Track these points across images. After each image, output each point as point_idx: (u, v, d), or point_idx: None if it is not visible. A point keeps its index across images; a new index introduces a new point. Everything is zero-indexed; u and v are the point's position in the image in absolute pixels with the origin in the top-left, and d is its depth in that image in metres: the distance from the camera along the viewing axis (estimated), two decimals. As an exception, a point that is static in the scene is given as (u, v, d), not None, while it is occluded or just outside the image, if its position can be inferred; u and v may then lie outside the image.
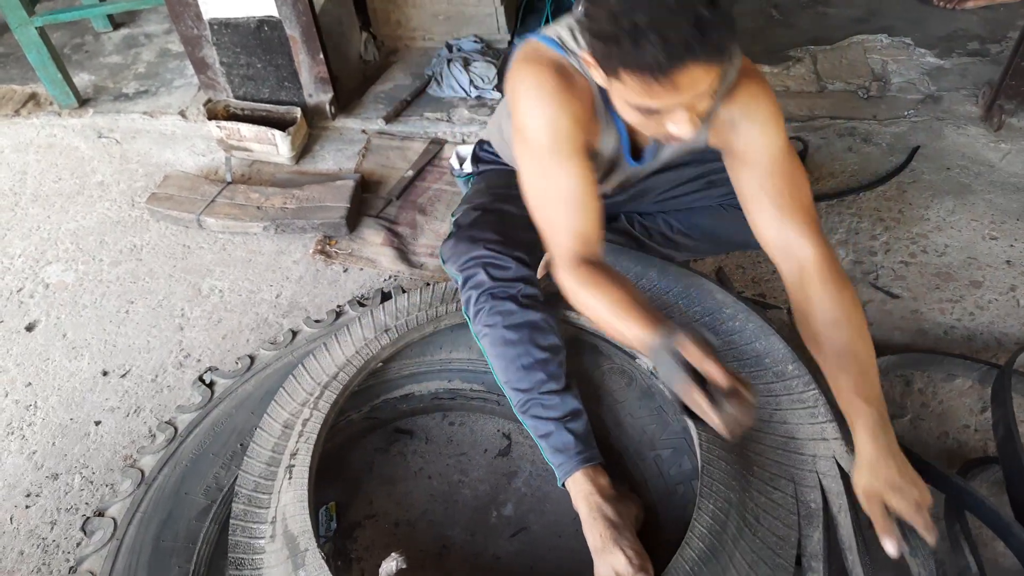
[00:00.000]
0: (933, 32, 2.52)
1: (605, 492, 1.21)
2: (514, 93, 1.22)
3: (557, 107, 1.17)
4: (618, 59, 1.01)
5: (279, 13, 2.14)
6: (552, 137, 1.18)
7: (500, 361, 1.30)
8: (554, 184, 1.20)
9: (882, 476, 1.03)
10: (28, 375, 1.76)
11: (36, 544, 1.44)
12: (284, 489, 1.22)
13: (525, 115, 1.20)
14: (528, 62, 1.21)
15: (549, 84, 1.17)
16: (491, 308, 1.30)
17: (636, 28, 0.97)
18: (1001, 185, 1.95)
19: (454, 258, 1.36)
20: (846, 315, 1.15)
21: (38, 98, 2.60)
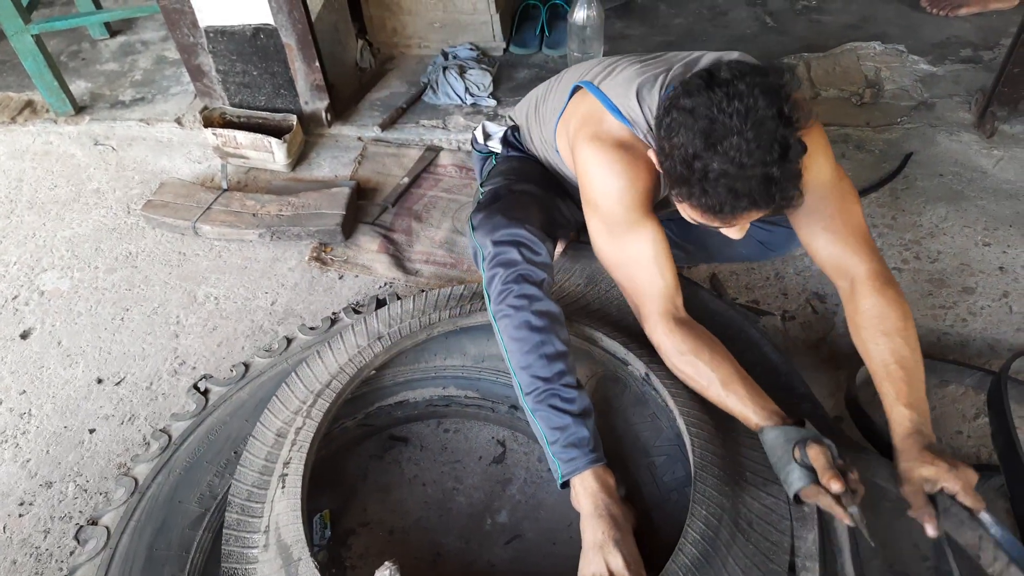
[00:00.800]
0: (926, 39, 2.54)
1: (612, 493, 1.21)
2: (584, 168, 1.29)
3: (625, 182, 1.25)
4: (685, 194, 1.12)
5: (275, 21, 2.15)
6: (624, 210, 1.26)
7: (521, 344, 1.27)
8: (631, 250, 1.29)
9: (928, 465, 1.10)
10: (22, 383, 1.76)
11: (29, 553, 1.44)
12: (277, 498, 1.22)
13: (596, 191, 1.29)
14: (596, 139, 1.27)
15: (616, 163, 1.25)
16: (519, 290, 1.28)
17: (707, 176, 1.06)
18: (994, 191, 1.96)
19: (487, 228, 1.34)
20: (895, 326, 1.22)
21: (34, 105, 2.60)
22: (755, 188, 1.05)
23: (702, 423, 1.24)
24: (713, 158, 1.04)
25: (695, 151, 1.05)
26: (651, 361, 1.34)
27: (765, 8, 2.82)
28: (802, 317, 1.72)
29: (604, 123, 1.28)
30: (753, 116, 1.02)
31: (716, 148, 1.03)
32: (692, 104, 1.06)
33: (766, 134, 1.02)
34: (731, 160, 1.03)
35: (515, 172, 1.57)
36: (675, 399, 1.26)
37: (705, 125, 1.04)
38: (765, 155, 1.03)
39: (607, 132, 1.27)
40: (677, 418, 1.25)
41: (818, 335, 1.68)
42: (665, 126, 1.10)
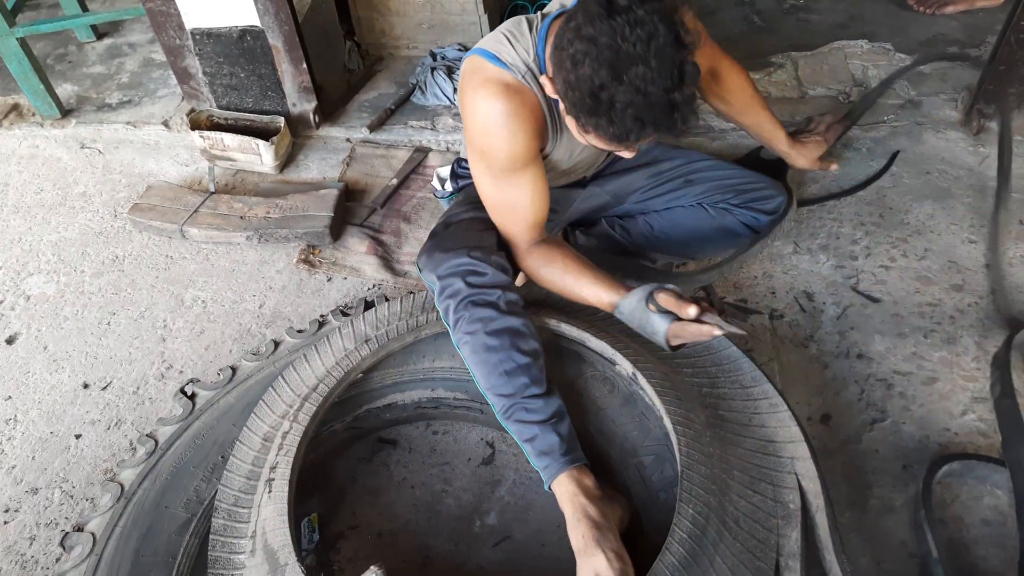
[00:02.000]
0: (913, 37, 2.54)
1: (590, 493, 1.21)
2: (469, 118, 1.32)
3: (509, 131, 1.28)
4: (590, 123, 1.13)
5: (261, 23, 2.14)
6: (507, 157, 1.31)
7: (482, 368, 1.30)
8: (510, 195, 1.37)
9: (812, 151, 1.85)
10: (8, 388, 1.74)
11: (14, 560, 1.43)
12: (264, 503, 1.21)
13: (480, 138, 1.32)
14: (478, 87, 1.29)
15: (500, 109, 1.26)
16: (470, 316, 1.30)
17: (613, 106, 1.07)
18: (980, 189, 1.97)
19: (430, 266, 1.39)
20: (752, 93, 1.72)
21: (20, 109, 2.59)
22: (659, 115, 1.07)
23: (689, 422, 1.24)
24: (619, 88, 1.04)
25: (601, 82, 1.05)
26: (638, 361, 1.34)
27: (753, 7, 2.82)
28: (790, 315, 1.72)
29: (484, 70, 1.29)
30: (655, 43, 1.02)
31: (622, 78, 1.04)
32: (594, 33, 1.04)
33: (667, 61, 1.04)
34: (637, 90, 1.04)
35: (460, 203, 1.61)
36: (662, 398, 1.26)
37: (610, 56, 1.04)
38: (667, 82, 1.04)
39: (489, 77, 1.28)
40: (664, 417, 1.25)
41: (806, 333, 1.68)
42: (569, 57, 1.08)
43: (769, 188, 1.73)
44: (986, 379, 1.55)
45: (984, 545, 1.31)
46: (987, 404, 1.50)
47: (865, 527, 1.35)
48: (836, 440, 1.48)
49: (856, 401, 1.54)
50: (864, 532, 1.34)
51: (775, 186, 1.74)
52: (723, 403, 1.35)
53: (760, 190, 1.73)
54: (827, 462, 1.45)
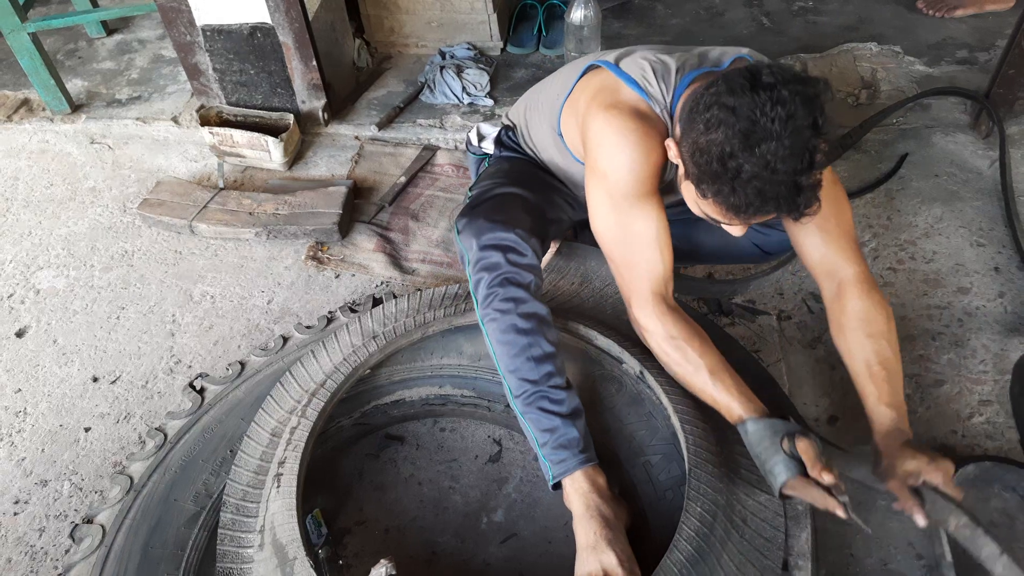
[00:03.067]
0: (922, 40, 2.54)
1: (603, 492, 1.21)
2: (594, 134, 1.27)
3: (639, 151, 1.24)
4: (710, 190, 1.12)
5: (272, 20, 2.15)
6: (635, 181, 1.25)
7: (508, 348, 1.28)
8: (634, 227, 1.27)
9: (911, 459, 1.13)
10: (18, 381, 1.75)
11: (24, 551, 1.43)
12: (272, 498, 1.21)
13: (605, 157, 1.26)
14: (611, 106, 1.26)
15: (632, 132, 1.23)
16: (504, 294, 1.28)
17: (739, 177, 1.06)
18: (988, 192, 1.97)
19: (471, 231, 1.34)
20: (879, 329, 1.27)
21: (30, 104, 2.60)
22: (783, 194, 1.06)
23: (696, 421, 1.24)
24: (748, 159, 1.04)
25: (732, 150, 1.05)
26: (645, 359, 1.34)
27: (762, 9, 2.82)
28: (798, 317, 1.72)
29: (621, 93, 1.27)
30: (792, 123, 1.03)
31: (754, 150, 1.04)
32: (735, 103, 1.05)
33: (801, 142, 1.03)
34: (765, 164, 1.04)
35: (505, 173, 1.56)
36: (669, 397, 1.27)
37: (746, 126, 1.04)
38: (797, 163, 1.04)
39: (624, 101, 1.26)
40: (671, 416, 1.25)
41: (814, 335, 1.68)
42: (704, 120, 1.08)
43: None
44: (994, 382, 1.55)
45: (991, 548, 1.31)
46: (994, 407, 1.51)
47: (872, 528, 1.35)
48: (843, 441, 1.48)
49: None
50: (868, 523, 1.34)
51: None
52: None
53: None
54: (834, 463, 1.45)
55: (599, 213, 1.30)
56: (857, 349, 1.27)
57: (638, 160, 1.24)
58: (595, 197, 1.30)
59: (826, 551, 1.32)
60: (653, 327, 1.26)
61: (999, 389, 1.54)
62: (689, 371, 1.23)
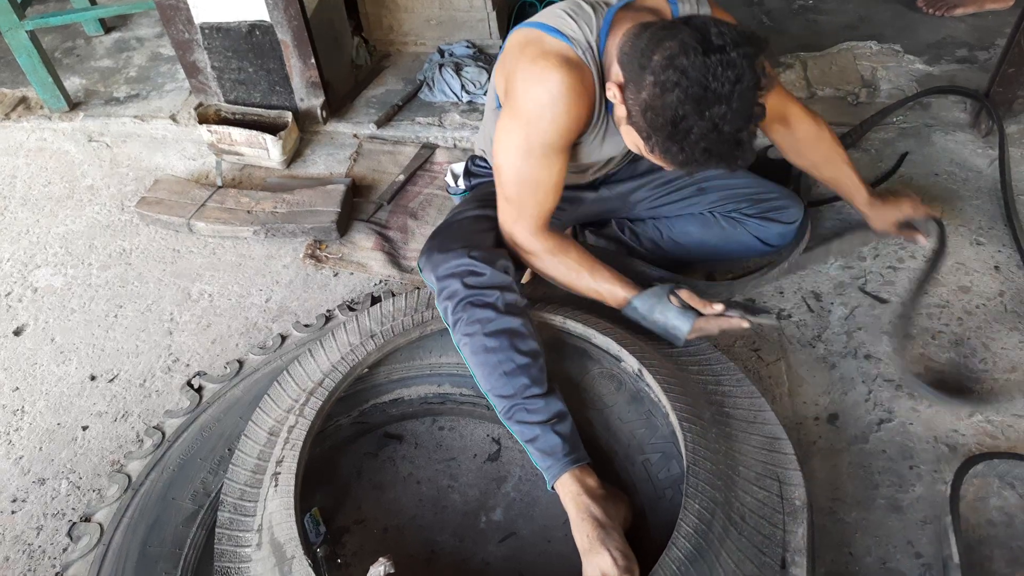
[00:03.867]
0: (922, 39, 2.54)
1: (593, 492, 1.21)
2: (520, 87, 1.29)
3: (565, 105, 1.27)
4: (659, 146, 1.18)
5: (270, 17, 2.14)
6: (554, 132, 1.29)
7: (482, 369, 1.30)
8: (539, 173, 1.35)
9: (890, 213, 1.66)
10: (15, 380, 1.75)
11: (22, 550, 1.43)
12: (270, 497, 1.21)
13: (531, 109, 1.29)
14: (537, 58, 1.27)
15: (560, 80, 1.25)
16: (469, 317, 1.31)
17: (688, 138, 1.13)
18: (988, 191, 1.97)
19: (429, 267, 1.39)
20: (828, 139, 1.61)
21: (28, 102, 2.59)
22: (726, 151, 1.14)
23: (695, 419, 1.24)
24: (698, 122, 1.10)
25: (684, 113, 1.10)
26: (644, 357, 1.34)
27: (762, 7, 2.82)
28: (798, 315, 1.72)
29: (545, 42, 1.29)
30: (740, 86, 1.08)
31: (704, 114, 1.09)
32: (687, 65, 1.08)
33: (747, 104, 1.10)
34: (714, 126, 1.10)
35: (469, 200, 1.60)
36: (668, 395, 1.27)
37: (698, 91, 1.08)
38: (742, 123, 1.11)
39: (550, 49, 1.28)
40: (670, 413, 1.25)
41: (814, 333, 1.68)
42: (659, 83, 1.11)
43: (784, 199, 1.69)
44: (993, 380, 1.55)
45: (989, 546, 1.31)
46: (995, 405, 1.50)
47: (871, 527, 1.35)
48: (843, 440, 1.48)
49: (863, 401, 1.54)
50: (870, 532, 1.34)
51: (790, 196, 1.70)
52: (728, 399, 1.36)
53: (774, 200, 1.69)
54: (833, 461, 1.45)
55: (508, 150, 1.35)
56: (821, 160, 1.63)
57: (562, 113, 1.27)
58: (509, 136, 1.34)
59: (825, 549, 1.32)
60: (533, 247, 1.41)
61: (999, 388, 1.54)
62: (573, 276, 1.41)
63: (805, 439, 1.49)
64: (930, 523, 1.35)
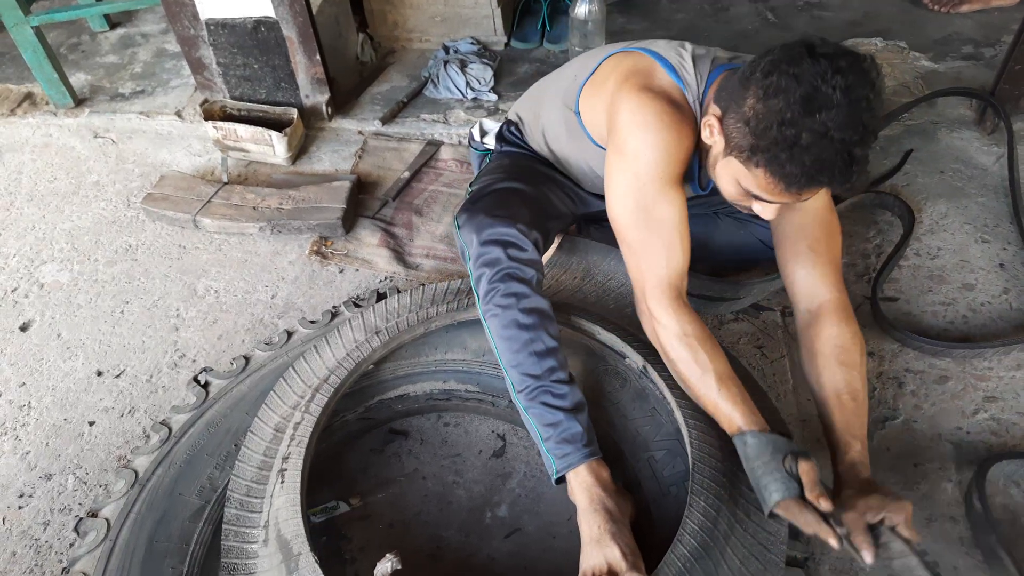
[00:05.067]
0: (928, 36, 2.53)
1: (607, 486, 1.21)
2: (623, 113, 1.25)
3: (674, 138, 1.23)
4: (764, 159, 1.09)
5: (276, 14, 2.14)
6: (664, 166, 1.23)
7: (510, 343, 1.27)
8: (659, 211, 1.25)
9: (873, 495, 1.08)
10: (22, 375, 1.75)
11: (29, 545, 1.44)
12: (276, 493, 1.22)
13: (639, 141, 1.24)
14: (644, 88, 1.24)
15: (667, 115, 1.22)
16: (505, 289, 1.28)
17: (797, 144, 1.04)
18: (994, 188, 1.96)
19: (471, 227, 1.33)
20: (854, 360, 1.25)
21: (34, 98, 2.59)
22: (838, 164, 1.05)
23: (700, 417, 1.24)
24: (808, 125, 1.03)
25: (792, 116, 1.04)
26: (649, 354, 1.34)
27: (767, 4, 2.81)
28: (802, 313, 1.72)
29: (655, 77, 1.26)
30: (851, 93, 1.02)
31: (814, 116, 1.02)
32: (796, 71, 1.04)
33: (858, 112, 1.03)
34: (824, 132, 1.02)
35: (505, 169, 1.55)
36: (672, 392, 1.27)
37: (807, 92, 1.03)
38: (853, 133, 1.03)
39: (659, 85, 1.25)
40: (675, 410, 1.25)
41: (818, 331, 1.68)
42: (764, 87, 1.07)
43: None
44: (998, 378, 1.55)
45: (995, 544, 1.31)
46: (1000, 403, 1.50)
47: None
48: (847, 437, 1.48)
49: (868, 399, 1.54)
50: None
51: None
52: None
53: None
54: (838, 459, 1.45)
55: (620, 194, 1.27)
56: (828, 377, 1.24)
57: (671, 144, 1.22)
58: (618, 179, 1.27)
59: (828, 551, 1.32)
60: (667, 322, 1.24)
61: (1004, 386, 1.54)
62: (696, 373, 1.20)
63: (809, 436, 1.49)
64: (935, 521, 1.35)
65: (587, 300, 1.57)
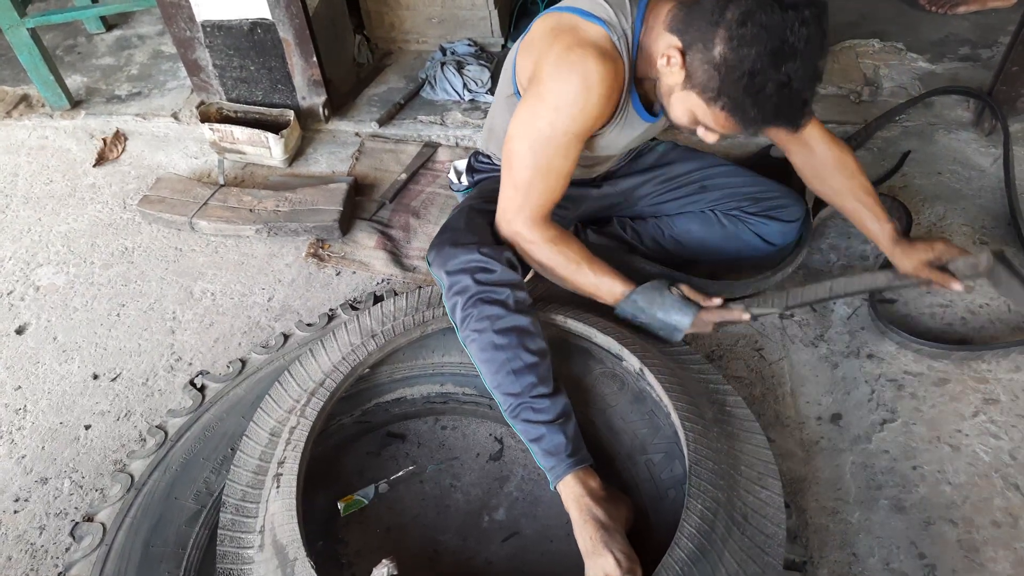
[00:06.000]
0: (925, 37, 2.53)
1: (596, 494, 1.21)
2: (551, 73, 1.27)
3: (596, 101, 1.26)
4: (728, 103, 1.16)
5: (272, 15, 2.14)
6: (581, 123, 1.28)
7: (489, 366, 1.30)
8: (555, 162, 1.33)
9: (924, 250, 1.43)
10: (18, 378, 1.75)
11: (24, 550, 1.43)
12: (272, 498, 1.21)
13: (561, 96, 1.26)
14: (574, 46, 1.25)
15: (596, 71, 1.24)
16: (478, 313, 1.30)
17: (762, 91, 1.12)
18: (992, 190, 1.96)
19: (439, 262, 1.37)
20: (853, 168, 1.51)
21: (30, 99, 2.59)
22: (793, 110, 1.15)
23: (697, 419, 1.24)
24: (773, 76, 1.09)
25: (761, 67, 1.09)
26: (646, 356, 1.34)
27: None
28: (800, 315, 1.72)
29: (580, 30, 1.27)
30: (812, 44, 1.09)
31: (780, 68, 1.09)
32: (768, 22, 1.08)
33: (816, 62, 1.11)
34: (786, 82, 1.10)
35: (475, 196, 1.59)
36: (670, 394, 1.26)
37: (776, 45, 1.08)
38: (811, 82, 1.12)
39: (586, 38, 1.26)
40: (672, 413, 1.25)
41: (816, 332, 1.68)
42: (738, 36, 1.10)
43: (785, 197, 1.69)
44: (997, 381, 1.55)
45: (993, 546, 1.31)
46: (998, 406, 1.50)
47: (874, 527, 1.35)
48: (846, 439, 1.48)
49: (866, 401, 1.54)
50: (873, 532, 1.34)
51: (791, 195, 1.70)
52: (730, 398, 1.36)
53: (775, 198, 1.69)
54: (836, 461, 1.45)
55: (529, 134, 1.31)
56: (844, 188, 1.51)
57: (593, 104, 1.26)
58: (532, 120, 1.30)
59: (828, 550, 1.32)
60: (535, 237, 1.37)
61: (1003, 388, 1.53)
62: (572, 269, 1.38)
63: (808, 439, 1.49)
64: (934, 524, 1.35)
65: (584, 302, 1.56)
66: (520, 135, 1.32)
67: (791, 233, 1.71)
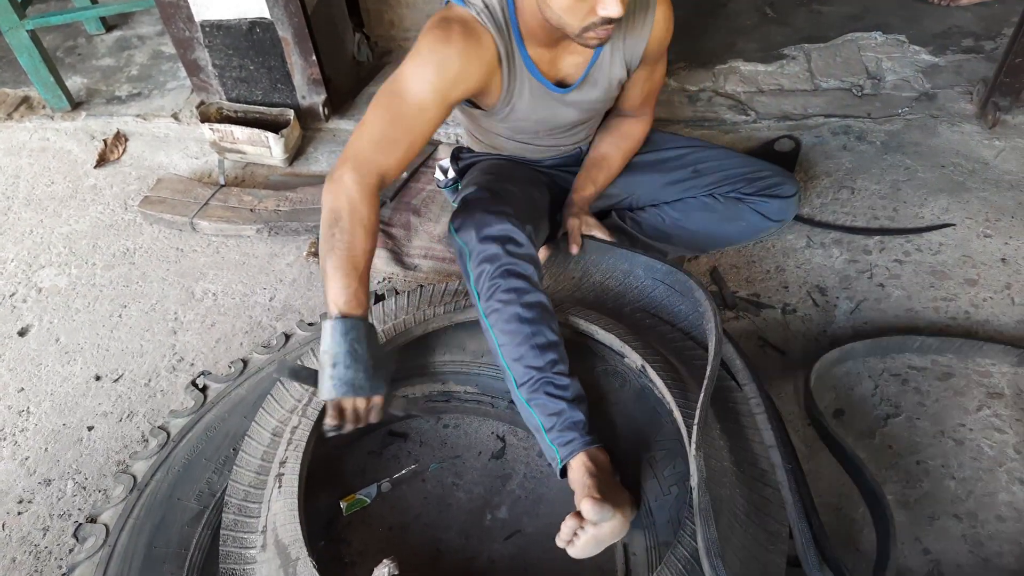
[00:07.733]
0: (927, 29, 2.52)
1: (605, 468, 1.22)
2: (418, 44, 1.32)
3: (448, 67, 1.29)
4: None
5: (271, 15, 2.14)
6: (429, 89, 1.30)
7: (513, 337, 1.28)
8: (399, 120, 1.32)
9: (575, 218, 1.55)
10: (20, 380, 1.75)
11: (28, 551, 1.43)
12: (274, 498, 1.21)
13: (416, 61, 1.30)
14: (441, 20, 1.32)
15: (453, 43, 1.29)
16: (506, 285, 1.29)
17: None
18: (995, 182, 1.95)
19: (470, 226, 1.35)
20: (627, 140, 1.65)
21: (30, 101, 2.59)
22: None
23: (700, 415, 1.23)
24: None
25: None
26: (647, 353, 1.33)
27: (765, -1, 2.80)
28: (803, 310, 1.71)
29: (447, 11, 1.33)
30: None
31: None
32: None
33: None
34: None
35: (485, 173, 1.60)
36: (672, 392, 1.26)
37: None
38: None
39: (448, 16, 1.32)
40: (674, 411, 1.24)
41: (819, 328, 1.67)
42: None
43: (780, 175, 1.69)
44: (1001, 375, 1.54)
45: (998, 541, 1.30)
46: (1003, 400, 1.49)
47: (878, 523, 1.34)
48: (850, 435, 1.47)
49: (870, 396, 1.53)
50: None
51: (783, 173, 1.70)
52: (733, 394, 1.35)
53: (769, 177, 1.69)
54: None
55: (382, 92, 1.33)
56: (602, 143, 1.64)
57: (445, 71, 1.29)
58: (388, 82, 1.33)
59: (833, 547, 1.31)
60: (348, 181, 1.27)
61: (1007, 381, 1.53)
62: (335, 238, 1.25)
63: (811, 435, 1.48)
64: (938, 519, 1.34)
65: (585, 300, 1.55)
66: (380, 91, 1.35)
67: (790, 208, 1.70)
